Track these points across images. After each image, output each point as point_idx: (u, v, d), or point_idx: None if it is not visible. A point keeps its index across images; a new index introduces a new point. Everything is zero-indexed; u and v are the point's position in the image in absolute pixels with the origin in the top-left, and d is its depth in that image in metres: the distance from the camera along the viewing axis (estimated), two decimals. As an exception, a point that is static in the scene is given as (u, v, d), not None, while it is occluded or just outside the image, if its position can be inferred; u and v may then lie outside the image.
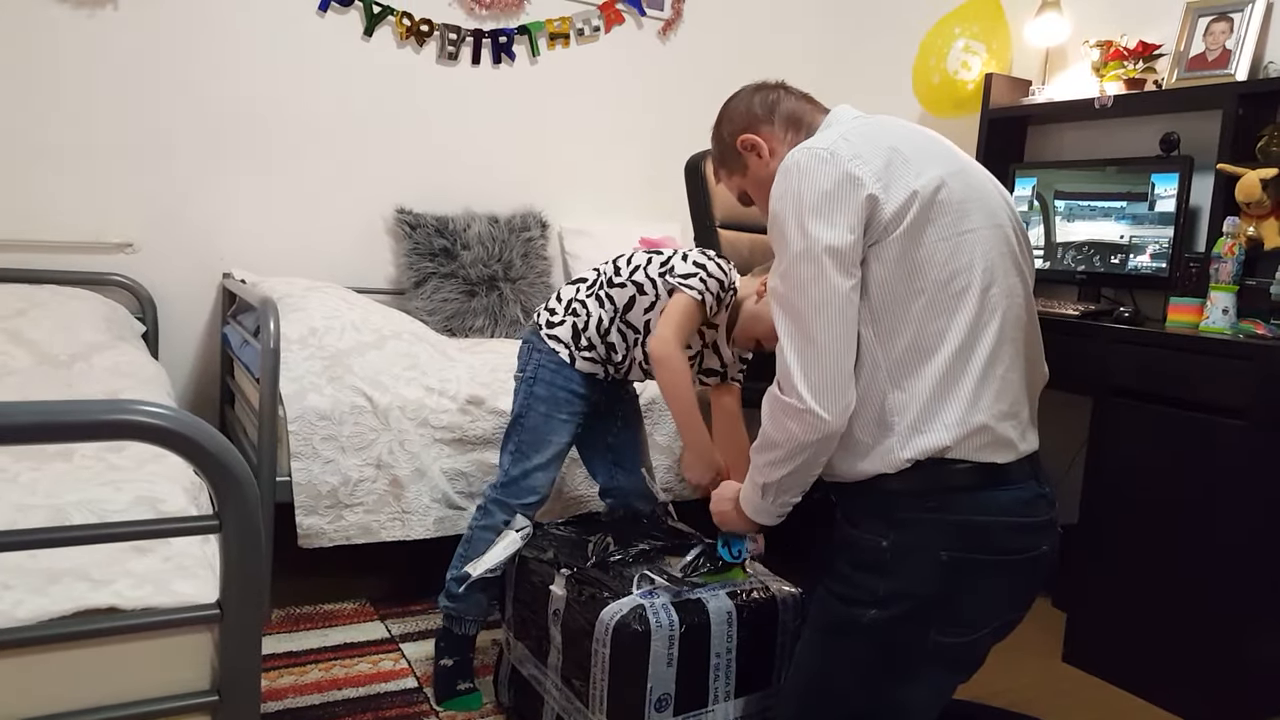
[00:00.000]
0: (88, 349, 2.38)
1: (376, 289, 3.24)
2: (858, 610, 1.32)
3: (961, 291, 1.28)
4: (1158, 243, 2.60)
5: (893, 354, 1.28)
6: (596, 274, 2.03)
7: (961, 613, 1.29)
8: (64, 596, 1.05)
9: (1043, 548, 1.32)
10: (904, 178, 1.28)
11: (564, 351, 1.98)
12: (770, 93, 1.55)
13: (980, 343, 1.29)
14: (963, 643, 1.31)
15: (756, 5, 3.82)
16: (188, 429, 0.97)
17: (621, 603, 1.56)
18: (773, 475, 1.36)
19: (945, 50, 3.21)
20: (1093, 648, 2.31)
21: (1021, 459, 1.32)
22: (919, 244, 1.27)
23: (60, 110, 2.77)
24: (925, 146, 1.34)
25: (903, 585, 1.28)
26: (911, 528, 1.28)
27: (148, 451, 1.61)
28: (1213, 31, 2.57)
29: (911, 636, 1.30)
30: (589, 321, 1.98)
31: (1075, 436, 2.56)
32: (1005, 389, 1.30)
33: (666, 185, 3.61)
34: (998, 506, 1.28)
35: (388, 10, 3.17)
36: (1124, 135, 2.89)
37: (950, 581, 1.27)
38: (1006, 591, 1.32)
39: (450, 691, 1.98)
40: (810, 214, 1.27)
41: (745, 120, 1.54)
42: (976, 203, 1.32)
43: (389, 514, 2.32)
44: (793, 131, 1.51)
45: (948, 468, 1.27)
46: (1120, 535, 2.24)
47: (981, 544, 1.28)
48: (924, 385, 1.27)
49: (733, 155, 1.56)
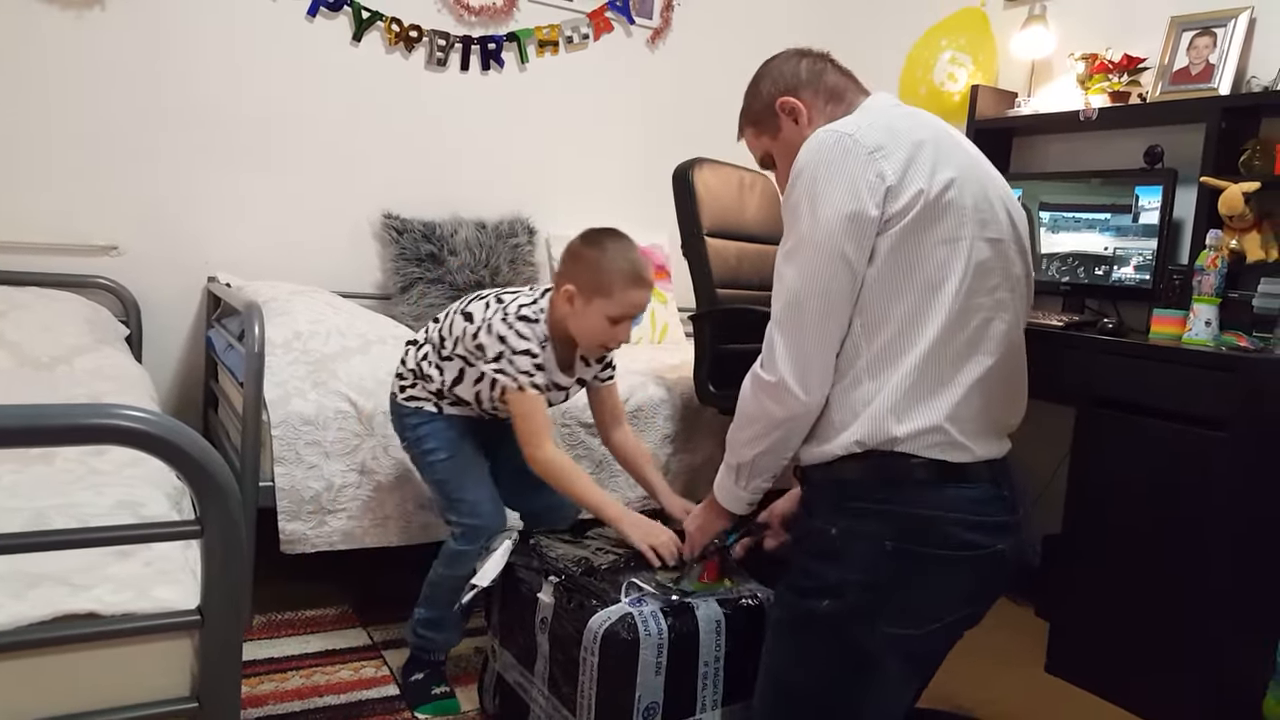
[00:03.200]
0: (70, 351, 2.36)
1: (362, 294, 3.23)
2: (811, 601, 1.34)
3: (946, 297, 1.29)
4: (1141, 255, 2.62)
5: (874, 347, 1.31)
6: (426, 338, 2.01)
7: (909, 605, 1.31)
8: (43, 601, 1.03)
9: (997, 547, 1.33)
10: (918, 176, 1.28)
11: (428, 404, 1.98)
12: (817, 61, 1.53)
13: (953, 348, 1.30)
14: (913, 635, 1.32)
15: (744, 16, 3.83)
16: (171, 434, 0.96)
17: (610, 611, 1.55)
18: (746, 454, 1.40)
19: (932, 62, 3.24)
20: (1075, 658, 2.31)
21: (979, 462, 1.33)
22: (914, 244, 1.28)
23: (47, 112, 2.75)
24: (950, 149, 1.34)
25: (850, 573, 1.31)
26: (860, 516, 1.31)
27: (129, 455, 1.60)
28: (1196, 46, 2.60)
29: (861, 629, 1.31)
30: (440, 384, 1.97)
31: (1058, 446, 2.57)
32: (970, 396, 1.31)
33: (654, 193, 3.60)
34: (947, 503, 1.30)
35: (377, 15, 3.16)
36: (1108, 148, 2.91)
37: (895, 572, 1.29)
38: (955, 587, 1.33)
39: (425, 697, 1.97)
40: (824, 199, 1.29)
41: (790, 82, 1.51)
42: (981, 214, 1.33)
43: (372, 520, 2.31)
44: (833, 104, 1.49)
45: (899, 461, 1.29)
46: (1103, 545, 2.25)
47: (927, 537, 1.29)
48: (894, 380, 1.29)
49: (768, 115, 1.53)
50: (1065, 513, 2.35)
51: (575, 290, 1.79)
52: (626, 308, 1.78)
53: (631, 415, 2.67)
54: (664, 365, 2.90)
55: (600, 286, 1.77)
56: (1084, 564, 2.29)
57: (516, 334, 1.81)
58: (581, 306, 1.79)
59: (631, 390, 2.66)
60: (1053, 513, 2.60)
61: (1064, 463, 2.42)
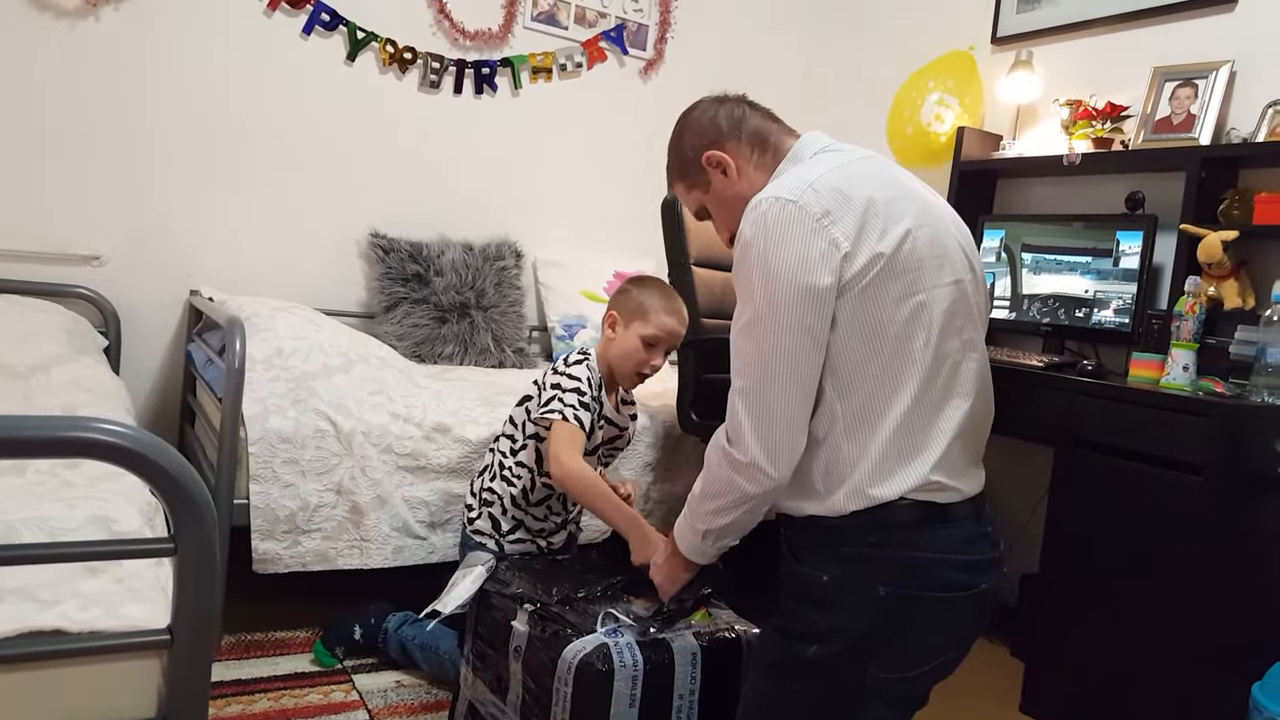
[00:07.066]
0: (47, 361, 2.33)
1: (347, 312, 3.21)
2: (799, 645, 1.31)
3: (917, 351, 1.27)
4: (1121, 298, 2.65)
5: (850, 408, 1.27)
6: (492, 458, 2.10)
7: (901, 649, 1.29)
8: (7, 616, 1.01)
9: (982, 586, 1.32)
10: (871, 237, 1.25)
11: (490, 542, 2.03)
12: (735, 107, 1.47)
13: (932, 401, 1.29)
14: (903, 678, 1.31)
15: (736, 50, 3.88)
16: (147, 449, 0.94)
17: (585, 640, 1.54)
18: (714, 523, 1.37)
19: (919, 103, 3.28)
20: (1050, 697, 2.31)
21: (966, 499, 1.32)
22: (877, 304, 1.25)
23: (36, 121, 2.74)
24: (898, 198, 1.31)
25: (843, 620, 1.28)
26: (852, 563, 1.28)
27: (103, 469, 1.57)
28: (1178, 96, 2.65)
29: (851, 673, 1.29)
30: (504, 502, 2.03)
31: (1037, 486, 2.58)
32: (953, 444, 1.30)
33: (642, 221, 3.63)
34: (938, 543, 1.28)
35: (372, 36, 3.18)
36: (1091, 192, 2.96)
37: (889, 617, 1.27)
38: (945, 629, 1.32)
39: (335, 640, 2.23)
40: (776, 274, 1.24)
41: (711, 134, 1.45)
42: (938, 259, 1.30)
43: (347, 541, 2.28)
44: (759, 151, 1.45)
45: (891, 505, 1.27)
46: (1079, 585, 2.25)
47: (920, 580, 1.28)
48: (876, 441, 1.27)
49: (694, 169, 1.48)
50: (1043, 552, 2.36)
51: (617, 315, 2.03)
52: (659, 329, 1.99)
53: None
54: (647, 393, 2.90)
55: (637, 311, 2.01)
56: (1060, 603, 2.30)
57: (568, 376, 1.97)
58: (621, 331, 2.02)
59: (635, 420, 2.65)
60: (1030, 552, 2.61)
61: (1042, 502, 2.43)
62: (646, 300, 2.01)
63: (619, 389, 2.11)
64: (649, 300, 2.01)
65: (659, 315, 2.00)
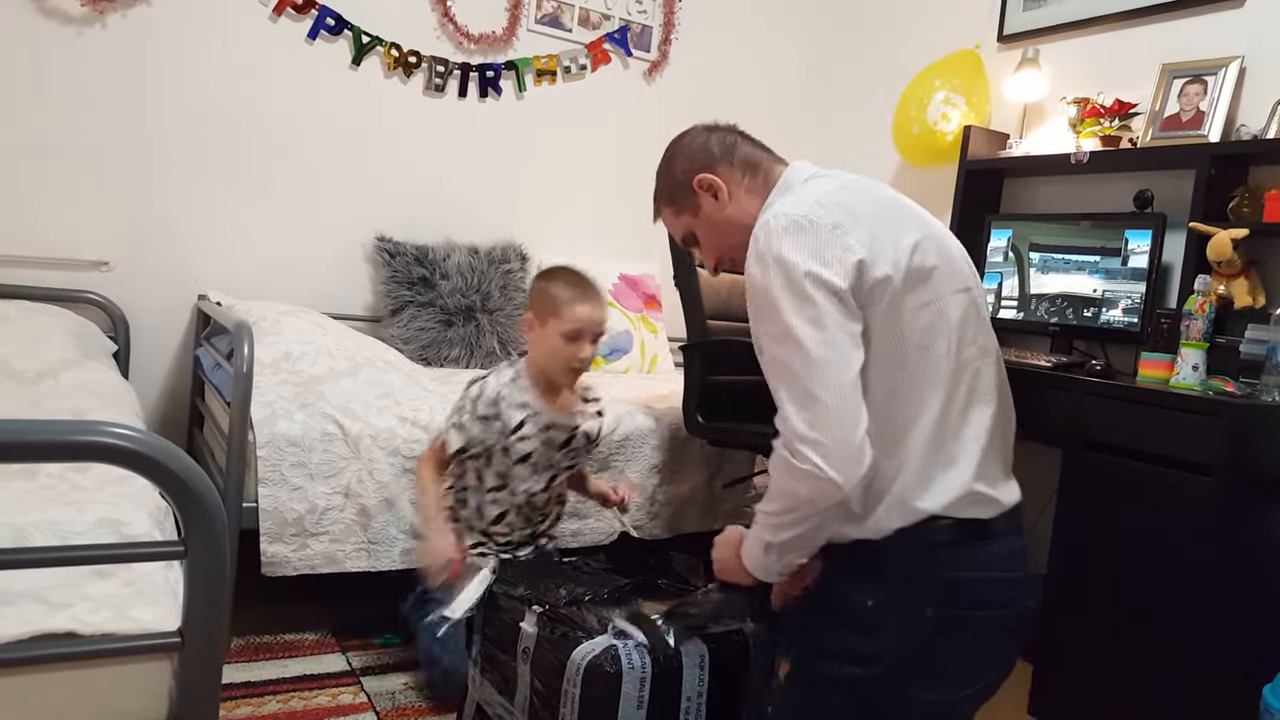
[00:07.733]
0: (56, 366, 2.33)
1: (353, 315, 3.22)
2: (839, 667, 1.29)
3: (939, 359, 1.27)
4: (1130, 298, 2.64)
5: (881, 422, 1.25)
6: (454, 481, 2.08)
7: (945, 671, 1.27)
8: (19, 619, 1.02)
9: (1027, 603, 1.31)
10: (887, 247, 1.25)
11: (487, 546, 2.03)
12: (727, 135, 1.50)
13: (959, 407, 1.29)
14: (946, 701, 1.29)
15: (741, 51, 3.87)
16: (158, 453, 0.95)
17: (594, 642, 1.53)
18: (779, 536, 1.30)
19: (925, 102, 3.27)
20: (1059, 701, 2.30)
21: (1005, 512, 1.31)
22: (899, 315, 1.25)
23: (43, 126, 2.75)
24: (898, 214, 1.32)
25: (889, 644, 1.26)
26: (897, 586, 1.26)
27: (113, 472, 1.58)
28: (1187, 93, 2.64)
29: (893, 695, 1.27)
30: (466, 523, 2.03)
31: (1045, 487, 2.57)
32: (986, 449, 1.30)
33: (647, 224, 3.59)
34: (981, 562, 1.27)
35: (377, 40, 3.18)
36: (1099, 191, 2.94)
37: (935, 639, 1.25)
38: (990, 648, 1.30)
39: None
40: (800, 274, 1.22)
41: (704, 159, 1.47)
42: (947, 267, 1.31)
43: (355, 544, 2.28)
44: (750, 176, 1.46)
45: (933, 524, 1.25)
46: (1088, 587, 2.24)
47: (966, 600, 1.26)
48: (910, 454, 1.26)
49: (685, 193, 1.49)
50: (1051, 554, 2.35)
51: (533, 317, 1.96)
52: (574, 322, 1.91)
53: (618, 445, 2.66)
54: (652, 395, 2.90)
55: (549, 307, 1.93)
56: (1069, 606, 2.29)
57: (465, 391, 1.97)
58: (540, 331, 1.95)
59: (619, 419, 2.65)
60: (1038, 553, 2.60)
61: (1050, 504, 2.42)
62: (557, 293, 1.93)
63: (563, 390, 2.02)
64: (559, 293, 1.93)
65: (571, 307, 1.91)
